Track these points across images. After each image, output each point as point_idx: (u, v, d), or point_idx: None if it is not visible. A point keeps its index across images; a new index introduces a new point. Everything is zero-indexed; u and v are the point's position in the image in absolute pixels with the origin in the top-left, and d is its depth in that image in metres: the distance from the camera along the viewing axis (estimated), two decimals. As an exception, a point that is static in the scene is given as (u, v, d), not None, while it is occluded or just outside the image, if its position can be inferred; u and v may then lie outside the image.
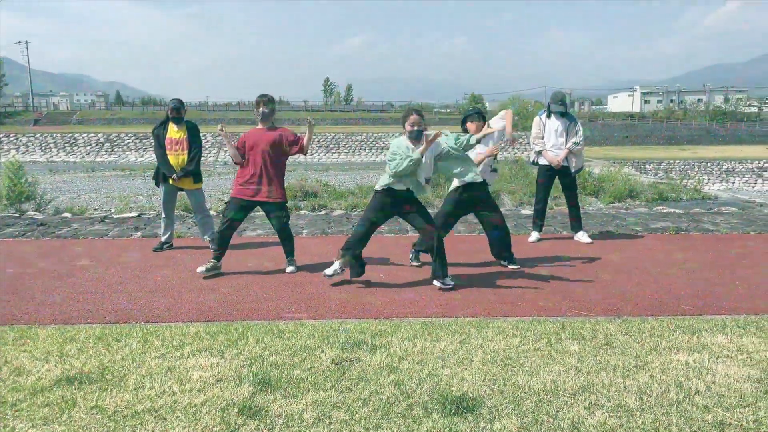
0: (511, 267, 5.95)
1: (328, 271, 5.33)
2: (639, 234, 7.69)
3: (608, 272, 5.77)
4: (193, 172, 6.65)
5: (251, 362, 3.47)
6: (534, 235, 7.26)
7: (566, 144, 7.05)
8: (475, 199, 5.93)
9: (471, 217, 8.76)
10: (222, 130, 5.73)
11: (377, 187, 5.30)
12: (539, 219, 7.35)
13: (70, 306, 4.75)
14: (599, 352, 3.62)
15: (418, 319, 4.37)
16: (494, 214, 5.95)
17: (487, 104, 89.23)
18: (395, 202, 5.26)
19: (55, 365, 3.44)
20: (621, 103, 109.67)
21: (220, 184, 23.79)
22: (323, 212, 9.64)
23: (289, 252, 5.97)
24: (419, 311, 4.60)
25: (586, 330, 4.01)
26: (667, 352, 3.63)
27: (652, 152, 46.66)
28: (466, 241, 7.30)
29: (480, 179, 5.65)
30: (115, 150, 46.64)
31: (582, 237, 7.22)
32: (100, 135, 48.01)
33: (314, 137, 48.62)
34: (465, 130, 6.05)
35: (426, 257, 6.08)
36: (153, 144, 6.76)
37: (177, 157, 6.62)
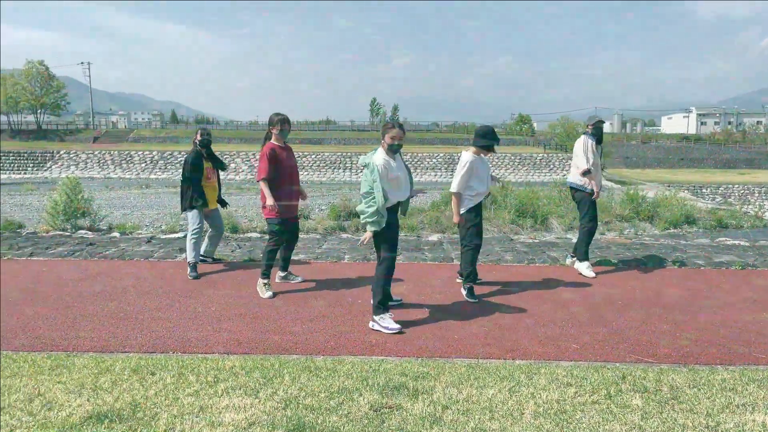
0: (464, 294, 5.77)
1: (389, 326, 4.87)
2: (701, 267, 7.21)
3: (670, 312, 5.36)
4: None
5: (286, 404, 3.29)
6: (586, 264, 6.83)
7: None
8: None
9: (520, 246, 8.44)
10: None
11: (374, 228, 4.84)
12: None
13: (109, 332, 4.70)
14: (665, 408, 3.28)
15: (463, 360, 4.11)
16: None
17: (535, 124, 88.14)
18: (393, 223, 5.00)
19: (88, 400, 3.34)
20: (675, 124, 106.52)
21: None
22: (349, 235, 9.48)
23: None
24: (464, 350, 4.34)
25: (649, 381, 3.66)
26: (741, 410, 3.26)
27: (709, 176, 44.88)
28: (516, 270, 6.98)
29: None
30: (168, 167, 47.99)
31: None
32: (154, 153, 49.54)
33: (360, 156, 48.64)
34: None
35: (479, 290, 5.83)
36: (191, 171, 6.69)
37: (213, 187, 6.97)
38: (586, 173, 6.69)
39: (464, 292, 5.79)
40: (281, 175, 5.85)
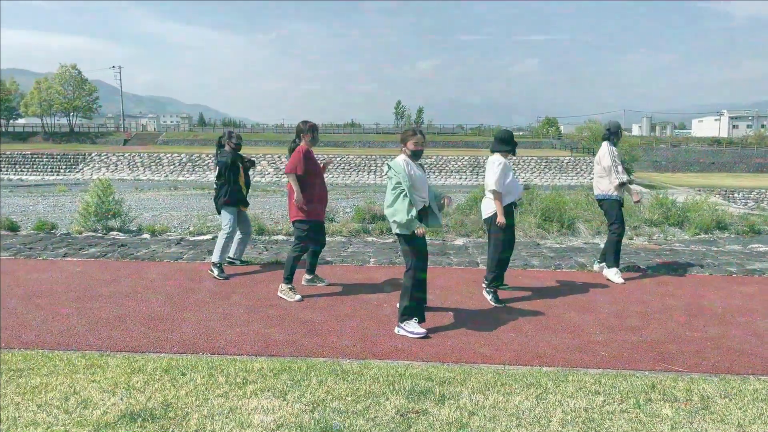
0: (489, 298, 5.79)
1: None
2: (734, 275, 7.07)
3: (701, 320, 5.27)
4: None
5: (313, 407, 3.33)
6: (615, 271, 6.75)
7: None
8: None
9: (546, 251, 8.38)
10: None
11: (405, 232, 4.82)
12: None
13: (141, 332, 4.80)
14: (695, 418, 3.24)
15: (489, 366, 4.11)
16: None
17: (561, 127, 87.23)
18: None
19: (121, 399, 3.42)
20: (707, 127, 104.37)
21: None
22: (391, 239, 9.50)
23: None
24: (491, 356, 4.33)
25: (680, 390, 3.62)
26: (775, 422, 3.20)
27: (740, 180, 43.87)
28: (542, 276, 6.93)
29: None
30: (196, 169, 48.68)
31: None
32: (183, 155, 50.30)
33: (386, 159, 48.91)
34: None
35: (503, 295, 5.82)
36: (228, 170, 6.86)
37: (243, 186, 7.12)
38: (623, 184, 6.66)
39: (489, 297, 5.77)
40: (312, 179, 5.92)
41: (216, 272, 6.68)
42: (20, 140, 68.86)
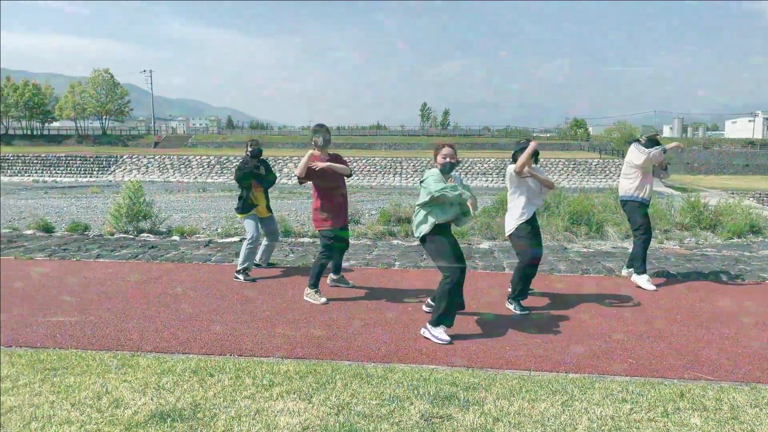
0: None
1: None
2: (767, 280, 6.90)
3: (732, 327, 5.17)
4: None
5: (338, 410, 3.36)
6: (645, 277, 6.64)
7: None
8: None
9: (574, 255, 8.29)
10: None
11: (425, 232, 4.90)
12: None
13: (170, 333, 4.90)
14: (724, 427, 3.18)
15: (514, 372, 4.09)
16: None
17: (590, 129, 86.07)
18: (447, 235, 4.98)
19: (151, 399, 3.50)
20: (740, 128, 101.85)
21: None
22: (416, 242, 9.50)
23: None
24: (516, 361, 4.31)
25: (709, 399, 3.55)
26: (809, 434, 3.13)
27: (777, 183, 42.69)
28: (569, 281, 6.86)
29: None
30: (224, 172, 49.33)
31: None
32: (211, 157, 51.02)
33: (411, 161, 49.05)
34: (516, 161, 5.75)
35: (528, 302, 5.77)
36: (246, 177, 6.97)
37: (261, 193, 7.14)
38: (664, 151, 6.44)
39: (512, 307, 5.67)
40: (329, 184, 5.96)
41: (242, 278, 6.77)
42: (55, 143, 70.67)
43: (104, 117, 78.60)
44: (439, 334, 4.76)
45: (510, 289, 5.80)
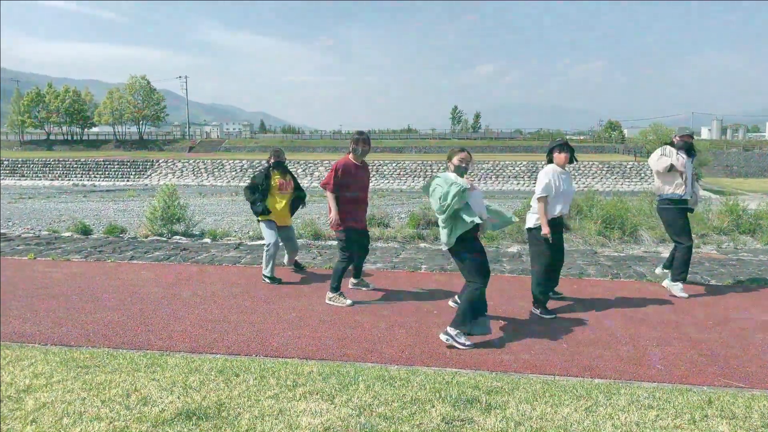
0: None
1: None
2: (806, 287, 6.67)
3: (765, 333, 5.02)
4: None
5: (360, 411, 3.39)
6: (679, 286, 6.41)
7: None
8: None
9: (604, 259, 8.16)
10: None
11: (453, 245, 4.88)
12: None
13: (199, 334, 5.00)
14: (755, 437, 3.10)
15: (539, 376, 4.06)
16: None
17: (625, 131, 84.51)
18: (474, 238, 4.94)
19: (178, 397, 3.58)
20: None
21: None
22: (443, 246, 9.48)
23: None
24: (540, 366, 4.27)
25: (738, 407, 3.46)
26: None
27: (821, 185, 41.20)
28: (598, 285, 6.76)
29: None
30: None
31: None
32: (244, 161, 51.79)
33: (441, 164, 48.86)
34: (551, 161, 5.69)
35: (557, 305, 5.71)
36: (258, 184, 7.09)
37: (286, 201, 7.12)
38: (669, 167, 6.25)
39: (538, 312, 5.60)
40: (344, 191, 6.02)
41: (268, 281, 6.88)
42: (94, 148, 72.71)
43: (141, 122, 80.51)
44: (459, 338, 4.73)
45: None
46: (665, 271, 6.73)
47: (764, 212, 13.25)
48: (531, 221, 5.67)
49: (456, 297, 5.57)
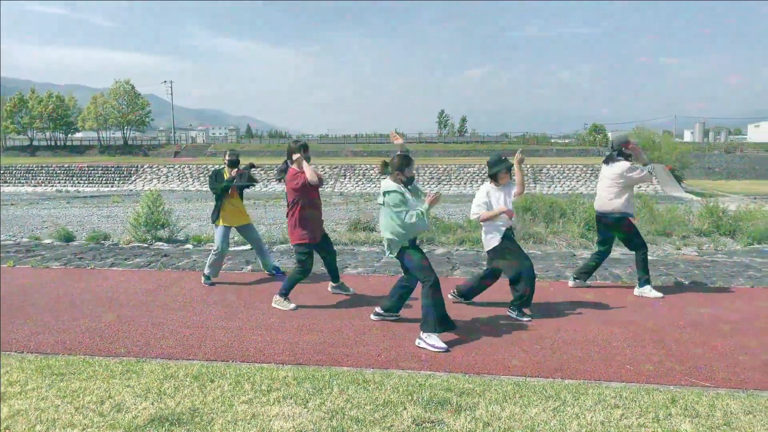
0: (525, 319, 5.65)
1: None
2: (777, 287, 6.82)
3: (734, 334, 5.14)
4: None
5: (332, 415, 3.43)
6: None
7: None
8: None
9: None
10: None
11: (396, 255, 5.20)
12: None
13: (176, 340, 5.02)
14: (715, 434, 3.19)
15: (510, 378, 4.13)
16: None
17: (609, 134, 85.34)
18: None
19: (152, 403, 3.61)
20: (764, 132, 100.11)
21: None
22: (425, 250, 9.54)
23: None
24: (513, 367, 4.35)
25: (702, 405, 3.55)
26: (801, 440, 3.12)
27: (801, 187, 41.87)
28: (569, 289, 6.86)
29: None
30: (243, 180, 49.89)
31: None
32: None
33: (428, 168, 49.16)
34: (493, 178, 5.81)
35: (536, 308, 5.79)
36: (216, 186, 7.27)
37: (235, 203, 7.35)
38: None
39: (514, 314, 5.68)
40: (307, 201, 6.03)
41: (203, 280, 7.11)
42: (77, 153, 72.07)
43: (126, 127, 79.93)
44: (435, 342, 4.80)
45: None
46: (577, 280, 6.78)
47: (744, 214, 13.47)
48: (486, 244, 5.82)
49: (378, 308, 5.66)
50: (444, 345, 4.78)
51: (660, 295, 6.36)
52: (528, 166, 45.77)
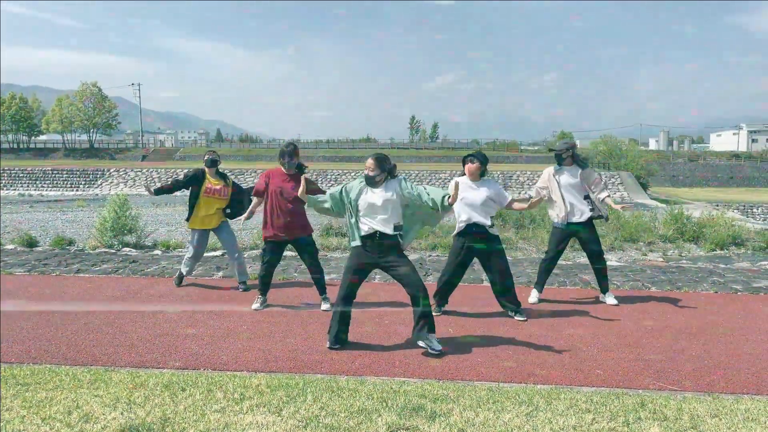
0: (517, 318, 5.80)
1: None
2: (738, 293, 7.03)
3: (701, 338, 5.27)
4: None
5: (306, 423, 3.41)
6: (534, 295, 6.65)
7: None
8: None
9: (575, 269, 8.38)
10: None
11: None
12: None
13: (146, 349, 4.92)
14: (683, 437, 3.26)
15: (484, 383, 4.16)
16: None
17: (577, 142, 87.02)
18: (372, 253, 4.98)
19: (121, 413, 3.52)
20: (725, 141, 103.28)
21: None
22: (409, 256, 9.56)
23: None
24: (487, 373, 4.38)
25: (670, 409, 3.64)
26: (764, 442, 3.21)
27: (760, 195, 43.31)
28: (545, 293, 6.95)
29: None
30: (212, 185, 49.31)
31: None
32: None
33: (400, 174, 49.00)
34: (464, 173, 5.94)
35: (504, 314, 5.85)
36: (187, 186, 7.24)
37: (211, 202, 7.06)
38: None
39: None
40: (277, 201, 6.08)
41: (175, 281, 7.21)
42: (41, 156, 70.27)
43: (92, 130, 78.29)
44: (435, 342, 4.87)
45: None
46: (539, 295, 6.67)
47: (707, 220, 13.85)
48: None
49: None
50: (439, 348, 4.83)
51: (616, 301, 6.43)
52: (498, 173, 46.35)
